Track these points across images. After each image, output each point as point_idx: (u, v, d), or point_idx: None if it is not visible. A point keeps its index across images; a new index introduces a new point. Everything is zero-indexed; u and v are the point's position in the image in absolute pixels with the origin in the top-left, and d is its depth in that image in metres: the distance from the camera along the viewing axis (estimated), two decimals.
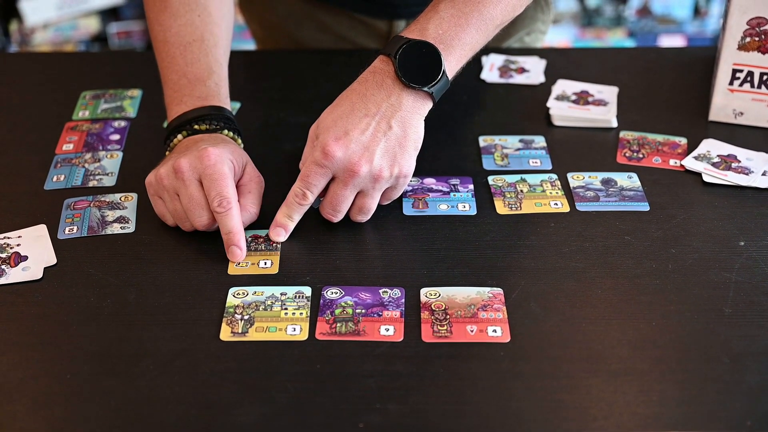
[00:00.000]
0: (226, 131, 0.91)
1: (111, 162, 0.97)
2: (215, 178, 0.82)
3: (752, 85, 1.00)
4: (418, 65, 0.83)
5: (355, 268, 0.83)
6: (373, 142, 0.82)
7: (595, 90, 1.08)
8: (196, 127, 0.89)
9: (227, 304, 0.79)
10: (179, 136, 0.89)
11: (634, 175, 0.94)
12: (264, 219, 0.88)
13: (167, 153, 0.90)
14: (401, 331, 0.76)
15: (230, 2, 0.99)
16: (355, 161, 0.81)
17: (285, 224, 0.85)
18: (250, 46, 2.41)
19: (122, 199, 0.92)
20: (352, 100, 0.84)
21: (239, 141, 0.92)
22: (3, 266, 0.83)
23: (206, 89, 0.91)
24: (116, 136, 1.02)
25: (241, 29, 2.51)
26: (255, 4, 1.25)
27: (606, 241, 0.86)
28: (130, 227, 0.88)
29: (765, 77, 0.99)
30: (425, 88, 0.83)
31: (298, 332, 0.76)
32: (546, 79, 1.11)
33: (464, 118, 1.04)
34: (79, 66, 1.21)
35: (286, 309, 0.78)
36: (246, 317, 0.77)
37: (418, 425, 0.68)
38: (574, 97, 1.06)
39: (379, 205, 0.87)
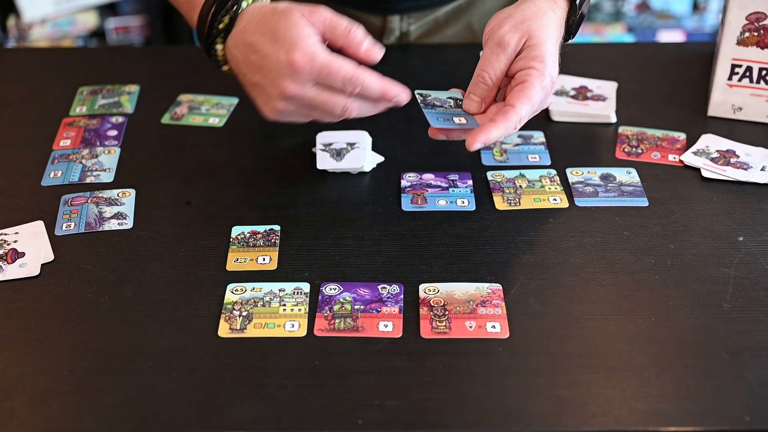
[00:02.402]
0: (244, 3, 0.82)
1: (108, 158, 0.97)
2: (325, 73, 0.77)
3: (751, 80, 1.00)
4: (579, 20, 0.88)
5: (354, 264, 0.83)
6: None
7: (594, 85, 1.07)
8: (221, 26, 0.82)
9: (225, 301, 0.78)
10: (218, 48, 0.83)
11: (633, 171, 0.94)
12: (263, 216, 0.88)
13: (225, 69, 0.85)
14: (400, 327, 0.76)
15: None
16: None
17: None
18: None
19: (120, 195, 0.91)
20: (556, 35, 0.85)
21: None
22: (0, 263, 0.83)
23: None
24: (114, 132, 1.02)
25: None
26: None
27: (605, 236, 0.86)
28: (128, 223, 0.88)
29: (764, 72, 0.99)
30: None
31: (296, 328, 0.76)
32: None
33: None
34: (76, 61, 1.20)
35: (284, 305, 0.78)
36: (244, 313, 0.77)
37: (417, 421, 0.68)
38: (573, 93, 1.06)
39: (377, 204, 0.87)
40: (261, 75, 0.79)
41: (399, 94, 0.80)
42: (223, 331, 0.76)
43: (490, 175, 0.94)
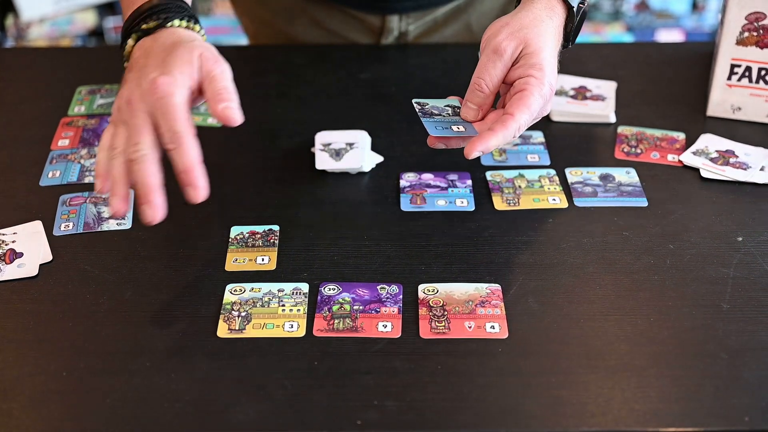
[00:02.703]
0: (177, 21, 0.81)
1: None
2: (164, 110, 0.73)
3: (750, 80, 1.00)
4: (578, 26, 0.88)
5: (353, 264, 0.83)
6: None
7: (594, 85, 1.07)
8: (144, 27, 0.80)
9: (224, 301, 0.78)
10: (129, 41, 0.81)
11: (633, 171, 0.94)
12: (261, 216, 0.88)
13: (125, 65, 0.82)
14: (399, 328, 0.76)
15: None
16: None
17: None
18: (244, 40, 2.41)
19: None
20: (553, 42, 0.85)
21: (196, 28, 0.82)
22: None
23: None
24: None
25: (233, 24, 2.50)
26: None
27: (604, 236, 0.86)
28: (127, 223, 0.88)
29: (763, 72, 0.99)
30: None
31: (295, 329, 0.76)
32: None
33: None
34: (74, 61, 1.20)
35: (283, 306, 0.78)
36: (243, 314, 0.77)
37: (416, 422, 0.68)
38: (572, 92, 1.06)
39: (376, 204, 0.87)
40: (131, 76, 0.77)
41: (197, 186, 0.74)
42: (222, 331, 0.76)
43: (489, 175, 0.94)
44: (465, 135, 0.81)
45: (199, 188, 0.74)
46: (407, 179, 0.93)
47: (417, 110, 0.84)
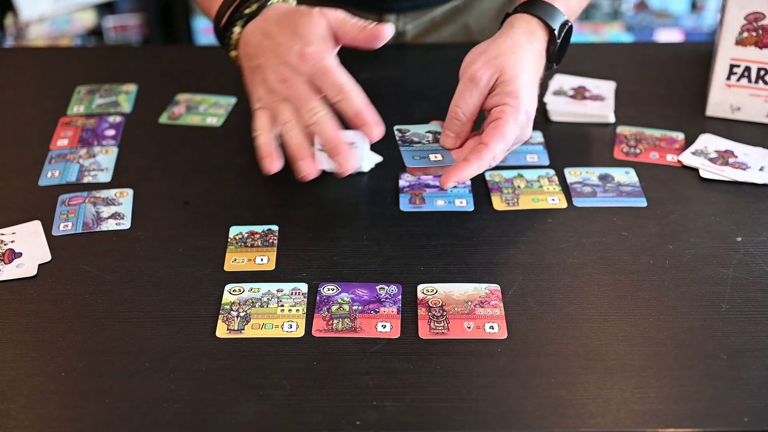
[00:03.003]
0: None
1: (106, 157, 0.97)
2: (322, 72, 0.80)
3: (749, 80, 1.00)
4: (562, 47, 0.89)
5: (352, 264, 0.83)
6: None
7: (593, 85, 1.07)
8: (247, 11, 0.86)
9: (223, 301, 0.78)
10: (236, 29, 0.87)
11: (632, 171, 0.94)
12: (260, 216, 0.88)
13: (232, 54, 0.89)
14: (398, 328, 0.76)
15: None
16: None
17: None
18: None
19: (117, 195, 0.91)
20: (532, 67, 0.85)
21: (290, 0, 0.89)
22: None
23: None
24: (111, 132, 1.01)
25: None
26: None
27: (603, 237, 0.86)
28: (126, 223, 0.88)
29: (762, 72, 0.99)
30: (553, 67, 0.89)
31: (294, 329, 0.76)
32: (546, 77, 1.10)
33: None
34: (73, 61, 1.20)
35: (282, 306, 0.78)
36: (242, 314, 0.77)
37: (415, 422, 0.68)
38: (571, 93, 1.06)
39: (375, 204, 0.87)
40: (266, 58, 0.83)
41: (371, 123, 0.80)
42: (221, 331, 0.76)
43: (488, 175, 0.94)
44: (443, 164, 0.82)
45: (374, 125, 0.80)
46: (406, 179, 0.93)
47: (397, 138, 0.85)
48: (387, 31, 0.83)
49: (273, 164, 0.82)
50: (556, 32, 0.86)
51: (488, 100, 0.83)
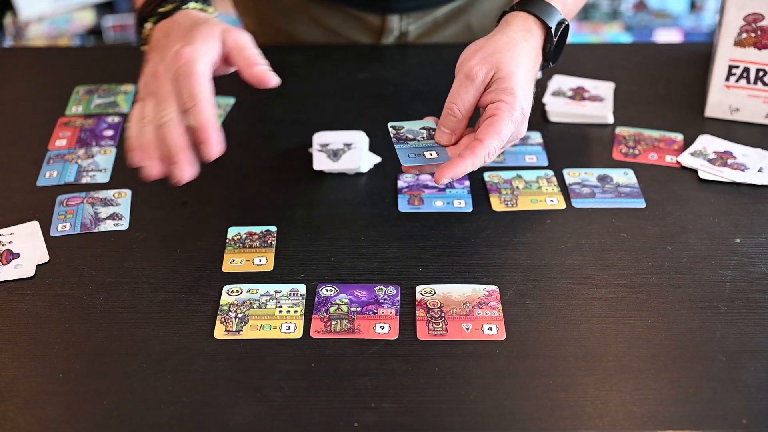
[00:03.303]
0: (192, 4, 0.86)
1: (104, 158, 0.97)
2: (186, 73, 0.77)
3: (748, 81, 1.00)
4: (558, 46, 0.88)
5: (351, 265, 0.83)
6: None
7: (591, 86, 1.07)
8: (161, 10, 0.85)
9: (221, 302, 0.78)
10: (148, 25, 0.86)
11: (630, 172, 0.94)
12: (259, 217, 0.88)
13: (143, 48, 0.87)
14: (396, 329, 0.76)
15: None
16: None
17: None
18: None
19: (115, 195, 0.91)
20: (528, 65, 0.84)
21: (210, 10, 0.87)
22: None
23: None
24: (110, 132, 1.01)
25: (233, 23, 2.50)
26: None
27: (602, 238, 0.85)
28: (124, 224, 0.87)
29: (761, 73, 0.99)
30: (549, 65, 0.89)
31: (292, 330, 0.76)
32: (542, 74, 1.10)
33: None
34: (72, 61, 1.20)
35: (280, 307, 0.78)
36: (240, 315, 0.77)
37: (414, 424, 0.68)
38: (570, 93, 1.05)
39: (374, 205, 0.86)
40: (153, 54, 0.82)
41: (210, 142, 0.76)
42: (219, 332, 0.75)
43: (487, 176, 0.93)
44: (438, 162, 0.81)
45: (212, 144, 0.76)
46: (405, 180, 0.93)
47: (391, 135, 0.84)
48: (272, 81, 0.81)
49: (137, 157, 0.78)
50: (552, 30, 0.86)
51: (483, 97, 0.83)
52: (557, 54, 0.89)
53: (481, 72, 0.82)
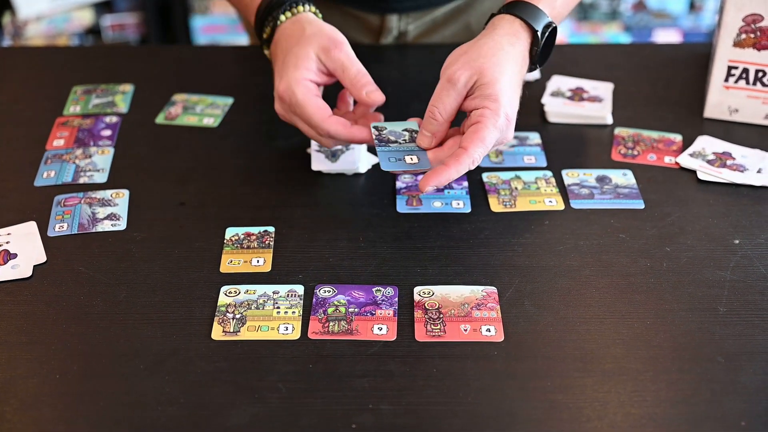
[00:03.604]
0: (303, 6, 0.90)
1: (102, 158, 0.97)
2: (299, 111, 0.85)
3: (747, 82, 1.00)
4: (546, 48, 0.89)
5: (349, 266, 0.82)
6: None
7: (590, 86, 1.07)
8: (282, 18, 0.90)
9: (219, 303, 0.78)
10: (267, 30, 0.91)
11: (629, 173, 0.94)
12: (257, 218, 0.88)
13: (267, 53, 0.93)
14: (394, 330, 0.75)
15: None
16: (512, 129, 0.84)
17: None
18: (242, 40, 2.41)
19: (113, 195, 0.91)
20: (514, 69, 0.85)
21: (320, 15, 0.92)
22: None
23: None
24: (107, 132, 1.01)
25: (233, 22, 2.50)
26: None
27: (600, 239, 0.85)
28: (121, 224, 0.87)
29: (760, 74, 0.99)
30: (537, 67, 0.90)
31: (290, 331, 0.75)
32: (541, 75, 1.10)
33: (459, 115, 1.03)
34: (70, 60, 1.20)
35: (278, 308, 0.78)
36: (238, 316, 0.77)
37: (411, 425, 0.68)
38: (569, 94, 1.05)
39: (372, 206, 0.86)
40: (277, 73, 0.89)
41: (363, 137, 0.85)
42: (217, 333, 0.75)
43: (485, 176, 0.93)
44: (418, 168, 0.82)
45: (366, 133, 0.85)
46: (403, 180, 0.93)
47: (374, 136, 0.84)
48: (378, 101, 0.87)
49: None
50: (539, 34, 0.86)
51: (467, 102, 0.83)
52: (544, 57, 0.89)
53: (463, 76, 0.82)
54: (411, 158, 0.82)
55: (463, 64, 0.83)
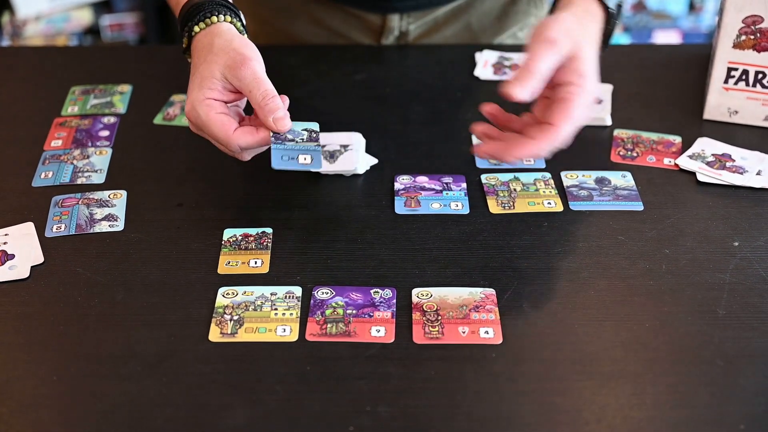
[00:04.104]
0: (218, 16, 0.86)
1: (100, 159, 0.96)
2: (204, 129, 0.82)
3: (747, 84, 1.00)
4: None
5: (347, 267, 0.82)
6: None
7: None
8: (196, 29, 0.86)
9: (216, 305, 0.78)
10: (185, 40, 0.87)
11: (628, 174, 0.94)
12: (255, 219, 0.87)
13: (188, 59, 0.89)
14: (392, 332, 0.75)
15: None
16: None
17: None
18: None
19: (111, 196, 0.91)
20: (595, 48, 0.82)
21: (237, 25, 0.87)
22: None
23: None
24: (105, 132, 1.01)
25: None
26: None
27: (599, 241, 0.85)
28: (119, 225, 0.87)
29: (760, 76, 0.99)
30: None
31: (288, 333, 0.75)
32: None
33: (457, 116, 1.03)
34: (68, 60, 1.19)
35: (276, 309, 0.77)
36: (235, 318, 0.77)
37: (409, 428, 0.67)
38: None
39: (370, 207, 0.86)
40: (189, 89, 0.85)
41: (268, 137, 0.82)
42: (214, 335, 0.75)
43: (484, 178, 0.93)
44: (310, 168, 0.83)
45: (276, 126, 0.82)
46: (402, 182, 0.92)
47: (271, 134, 0.83)
48: (284, 129, 0.83)
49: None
50: (614, 12, 0.85)
51: (558, 73, 0.79)
52: (609, 38, 0.88)
53: (567, 45, 0.78)
54: (304, 158, 0.82)
55: (563, 32, 0.78)
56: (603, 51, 0.87)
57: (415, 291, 0.79)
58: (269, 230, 0.86)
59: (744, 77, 0.99)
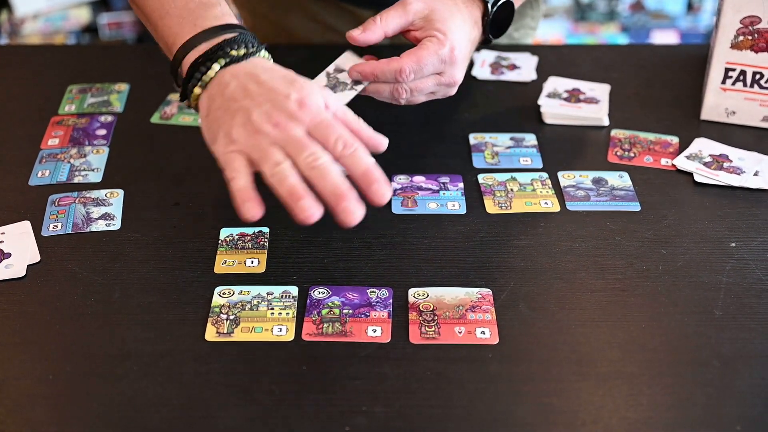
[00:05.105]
0: (263, 53, 0.81)
1: (97, 157, 0.96)
2: (324, 125, 0.73)
3: (745, 84, 1.00)
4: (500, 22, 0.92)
5: (343, 267, 0.82)
6: None
7: (587, 87, 1.07)
8: (233, 53, 0.78)
9: (213, 304, 0.78)
10: (215, 66, 0.78)
11: (625, 175, 0.94)
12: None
13: (195, 92, 0.79)
14: (389, 332, 0.75)
15: None
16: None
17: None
18: None
19: (108, 195, 0.90)
20: (465, 28, 0.87)
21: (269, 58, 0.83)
22: None
23: (221, 9, 0.82)
24: (102, 131, 1.01)
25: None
26: None
27: (596, 241, 0.85)
28: (116, 224, 0.87)
29: (757, 76, 0.99)
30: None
31: (284, 333, 0.75)
32: (537, 76, 1.10)
33: (454, 115, 1.03)
34: (65, 59, 1.19)
35: (272, 309, 0.77)
36: (232, 317, 0.76)
37: (405, 428, 0.67)
38: (565, 95, 1.05)
39: (367, 207, 0.86)
40: (254, 101, 0.75)
41: (379, 179, 0.73)
42: (210, 334, 0.75)
43: (481, 178, 0.93)
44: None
45: (381, 184, 0.72)
46: (398, 182, 0.92)
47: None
48: (382, 144, 0.79)
49: (255, 209, 0.73)
50: (489, 4, 0.89)
51: (416, 33, 0.86)
52: (498, 30, 0.91)
53: (417, 5, 0.85)
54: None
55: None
56: (486, 42, 0.91)
57: (411, 291, 0.79)
58: (266, 230, 0.86)
59: (742, 78, 0.99)
